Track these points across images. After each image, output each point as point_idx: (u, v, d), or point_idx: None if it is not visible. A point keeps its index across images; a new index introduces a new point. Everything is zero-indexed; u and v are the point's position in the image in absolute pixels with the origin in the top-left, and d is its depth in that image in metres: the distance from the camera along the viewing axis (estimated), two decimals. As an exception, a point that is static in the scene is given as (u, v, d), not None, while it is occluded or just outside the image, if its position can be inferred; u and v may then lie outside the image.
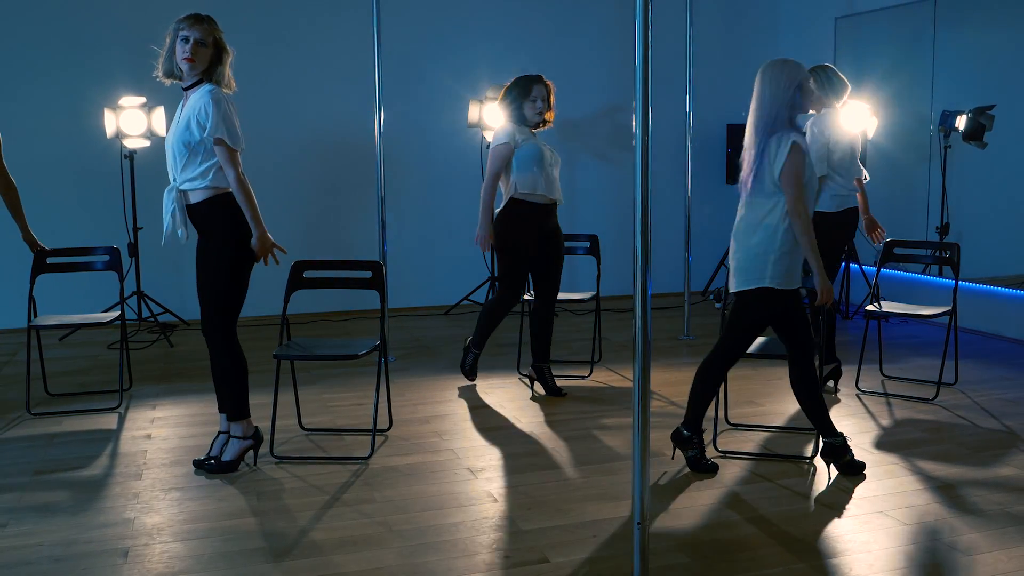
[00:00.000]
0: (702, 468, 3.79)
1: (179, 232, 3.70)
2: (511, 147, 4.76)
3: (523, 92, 4.79)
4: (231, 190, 3.66)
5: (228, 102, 3.62)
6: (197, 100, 3.61)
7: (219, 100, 3.57)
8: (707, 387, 3.78)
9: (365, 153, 6.00)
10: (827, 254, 4.02)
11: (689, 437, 3.80)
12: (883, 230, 5.02)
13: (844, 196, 4.72)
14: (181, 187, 3.66)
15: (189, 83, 3.66)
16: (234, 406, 3.81)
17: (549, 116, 4.88)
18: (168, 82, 3.73)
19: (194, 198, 3.67)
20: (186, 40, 3.58)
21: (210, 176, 3.62)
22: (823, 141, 4.65)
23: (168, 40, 3.65)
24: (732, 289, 3.72)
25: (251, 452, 3.90)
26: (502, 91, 4.90)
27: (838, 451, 3.72)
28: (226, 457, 3.83)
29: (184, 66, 3.61)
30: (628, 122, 7.78)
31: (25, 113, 6.59)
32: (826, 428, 3.73)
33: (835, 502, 3.49)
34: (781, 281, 3.58)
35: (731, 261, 3.75)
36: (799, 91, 3.57)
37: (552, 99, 4.85)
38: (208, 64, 3.63)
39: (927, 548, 3.09)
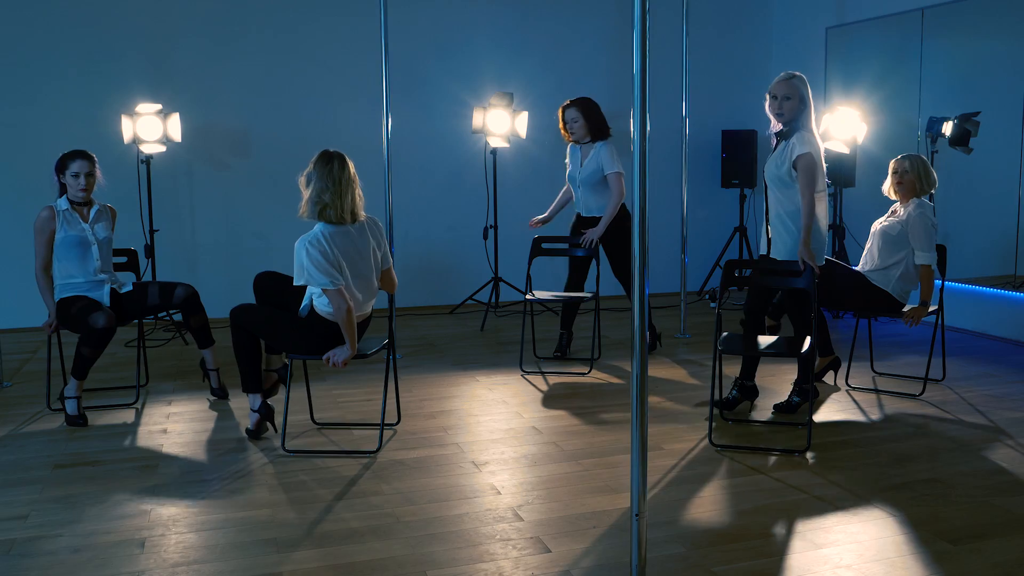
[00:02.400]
0: None
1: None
2: None
3: None
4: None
5: (312, 247, 3.86)
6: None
7: (298, 250, 3.88)
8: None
9: (373, 158, 6.11)
10: None
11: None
12: None
13: None
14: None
15: None
16: (247, 378, 4.16)
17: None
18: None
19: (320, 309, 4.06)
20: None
21: (321, 304, 3.99)
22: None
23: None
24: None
25: (268, 423, 4.25)
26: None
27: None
28: (248, 427, 4.30)
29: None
30: (627, 128, 7.87)
31: (44, 118, 6.65)
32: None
33: (826, 494, 3.56)
34: None
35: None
36: None
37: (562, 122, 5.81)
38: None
39: (915, 538, 3.15)
